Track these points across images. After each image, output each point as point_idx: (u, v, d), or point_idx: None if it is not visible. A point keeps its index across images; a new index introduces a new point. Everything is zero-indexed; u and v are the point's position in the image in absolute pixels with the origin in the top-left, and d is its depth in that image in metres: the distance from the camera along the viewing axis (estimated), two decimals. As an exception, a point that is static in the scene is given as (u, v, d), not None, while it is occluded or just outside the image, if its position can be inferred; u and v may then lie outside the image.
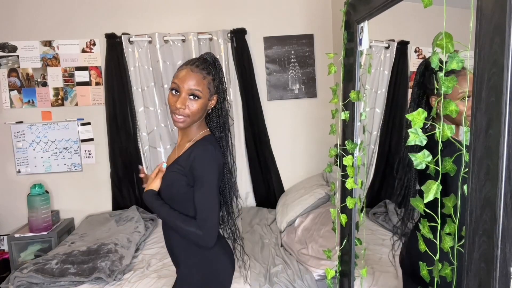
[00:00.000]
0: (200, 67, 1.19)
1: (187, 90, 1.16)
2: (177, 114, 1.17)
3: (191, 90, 1.16)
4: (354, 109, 1.19)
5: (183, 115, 1.17)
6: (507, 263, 0.52)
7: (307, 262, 2.05)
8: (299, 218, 2.55)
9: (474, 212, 0.57)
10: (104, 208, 3.14)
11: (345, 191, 1.25)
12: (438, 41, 0.65)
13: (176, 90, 1.17)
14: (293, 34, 3.20)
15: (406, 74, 2.74)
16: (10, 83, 3.01)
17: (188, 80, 1.16)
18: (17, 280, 1.94)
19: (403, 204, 1.25)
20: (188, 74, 1.17)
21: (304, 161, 3.31)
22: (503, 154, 0.51)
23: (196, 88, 1.16)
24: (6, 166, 3.05)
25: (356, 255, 1.28)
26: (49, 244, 2.76)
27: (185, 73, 1.17)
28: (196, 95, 1.16)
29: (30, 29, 2.99)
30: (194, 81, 1.16)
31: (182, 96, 1.16)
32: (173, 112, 1.17)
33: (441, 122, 0.67)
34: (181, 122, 1.18)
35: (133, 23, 3.05)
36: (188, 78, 1.16)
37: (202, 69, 1.19)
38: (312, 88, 3.27)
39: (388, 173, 2.89)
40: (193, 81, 1.16)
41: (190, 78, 1.16)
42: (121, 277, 2.03)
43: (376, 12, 1.01)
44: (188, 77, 1.16)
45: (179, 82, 1.16)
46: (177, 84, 1.16)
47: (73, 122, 3.09)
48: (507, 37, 0.50)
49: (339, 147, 1.28)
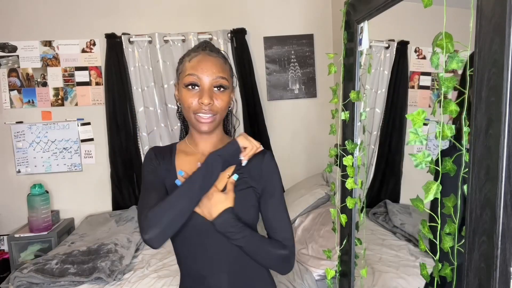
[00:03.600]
0: (215, 51, 0.95)
1: (212, 81, 0.90)
2: (204, 112, 0.90)
3: (217, 80, 0.91)
4: (354, 109, 1.19)
5: (211, 113, 0.91)
6: (507, 263, 0.52)
7: (307, 262, 2.05)
8: (299, 218, 2.55)
9: (474, 212, 0.57)
10: (104, 208, 3.14)
11: (345, 191, 1.25)
12: (438, 41, 0.65)
13: (194, 84, 0.90)
14: (293, 34, 3.20)
15: (406, 74, 2.74)
16: (10, 83, 3.01)
17: (210, 67, 0.90)
18: (17, 280, 1.94)
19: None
20: (207, 60, 0.91)
21: (304, 161, 3.31)
22: (503, 154, 0.51)
23: (222, 75, 0.91)
24: (6, 166, 3.04)
25: (356, 255, 1.28)
26: (49, 244, 2.75)
27: (204, 60, 0.91)
28: (223, 85, 0.92)
29: (30, 29, 2.99)
30: (218, 67, 0.91)
31: (206, 88, 0.90)
32: (197, 111, 0.91)
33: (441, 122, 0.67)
34: (210, 122, 0.92)
35: (133, 23, 3.05)
36: (210, 64, 0.91)
37: (218, 52, 0.95)
38: (312, 88, 3.27)
39: (388, 173, 2.89)
40: (217, 67, 0.91)
41: (212, 64, 0.91)
42: (121, 277, 2.03)
43: (376, 12, 1.01)
44: (210, 63, 0.91)
45: (200, 71, 0.90)
46: (196, 75, 0.90)
47: (73, 122, 3.09)
48: (507, 37, 0.50)
49: (339, 147, 1.28)
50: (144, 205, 0.89)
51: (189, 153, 1.00)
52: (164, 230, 0.84)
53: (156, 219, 0.84)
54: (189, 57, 0.93)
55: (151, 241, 0.84)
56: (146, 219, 0.85)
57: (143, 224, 0.85)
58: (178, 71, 0.97)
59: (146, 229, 0.84)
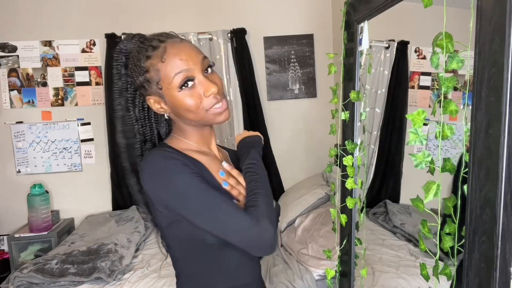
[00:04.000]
0: (172, 36, 0.83)
1: (201, 66, 0.80)
2: (217, 102, 0.80)
3: (204, 63, 0.80)
4: (354, 109, 1.19)
5: (221, 98, 0.82)
6: (507, 263, 0.52)
7: (307, 262, 2.05)
8: (299, 218, 2.55)
9: (474, 212, 0.57)
10: (104, 208, 3.14)
11: (345, 191, 1.25)
12: (438, 41, 0.65)
13: (188, 80, 0.78)
14: (293, 34, 3.20)
15: (406, 74, 2.74)
16: (10, 83, 3.01)
17: (190, 53, 0.79)
18: (17, 280, 1.94)
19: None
20: (180, 47, 0.79)
21: (304, 161, 3.31)
22: (503, 154, 0.51)
23: (204, 56, 0.81)
24: (6, 166, 3.04)
25: (356, 255, 1.28)
26: (49, 244, 2.75)
27: (177, 50, 0.78)
28: (211, 64, 0.83)
29: (30, 29, 2.99)
30: (194, 50, 0.81)
31: (202, 78, 0.79)
32: (209, 106, 0.80)
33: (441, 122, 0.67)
34: (227, 107, 0.83)
35: (133, 23, 3.05)
36: (187, 50, 0.79)
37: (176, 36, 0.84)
38: (312, 88, 3.27)
39: (388, 173, 2.89)
40: (194, 50, 0.81)
41: (189, 49, 0.80)
42: (121, 277, 2.03)
43: (376, 12, 1.01)
44: (186, 49, 0.79)
45: (185, 64, 0.77)
46: (185, 69, 0.77)
47: (73, 122, 3.09)
48: (507, 37, 0.50)
49: (339, 147, 1.28)
50: (238, 220, 0.75)
51: (201, 152, 0.88)
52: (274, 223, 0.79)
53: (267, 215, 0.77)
54: (156, 58, 0.77)
55: (274, 243, 0.78)
56: (261, 225, 0.75)
57: (262, 232, 0.75)
58: (149, 82, 0.79)
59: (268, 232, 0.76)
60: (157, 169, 0.77)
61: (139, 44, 0.80)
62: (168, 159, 0.78)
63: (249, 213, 0.76)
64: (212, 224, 0.76)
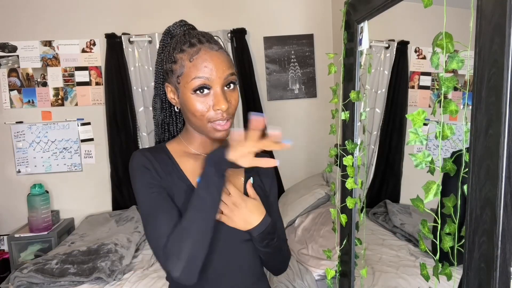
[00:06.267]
0: (214, 42, 0.81)
1: (224, 81, 0.78)
2: (221, 119, 0.78)
3: (228, 79, 0.78)
4: (354, 109, 1.19)
5: (228, 117, 0.79)
6: (507, 263, 0.52)
7: (307, 262, 2.05)
8: (299, 218, 2.55)
9: (474, 212, 0.57)
10: (104, 208, 3.14)
11: (345, 191, 1.25)
12: (438, 41, 0.65)
13: (204, 87, 0.77)
14: (293, 34, 3.20)
15: (406, 74, 2.75)
16: (10, 83, 3.01)
17: (219, 65, 0.77)
18: (17, 280, 1.94)
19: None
20: (213, 57, 0.77)
21: (304, 161, 3.31)
22: (503, 154, 0.51)
23: (232, 72, 0.79)
24: (6, 166, 3.05)
25: (356, 255, 1.27)
26: (49, 244, 2.76)
27: (209, 57, 0.77)
28: (234, 81, 0.80)
29: (30, 29, 2.99)
30: (225, 63, 0.79)
31: (220, 92, 0.77)
32: (213, 119, 0.79)
33: (441, 122, 0.67)
34: (228, 128, 0.80)
35: (133, 23, 3.05)
36: (218, 62, 0.77)
37: (217, 43, 0.81)
38: (312, 88, 3.27)
39: (388, 173, 2.90)
40: (225, 64, 0.78)
41: (219, 61, 0.78)
42: (121, 277, 2.03)
43: (376, 12, 1.01)
44: (217, 60, 0.77)
45: (208, 72, 0.76)
46: (205, 77, 0.76)
47: (73, 122, 3.09)
48: (507, 37, 0.50)
49: (339, 147, 1.28)
50: (156, 236, 0.75)
51: (192, 155, 0.87)
52: (190, 261, 0.73)
53: (178, 251, 0.73)
54: (187, 54, 0.77)
55: (183, 279, 0.73)
56: (166, 254, 0.73)
57: (166, 262, 0.73)
58: (172, 72, 0.80)
59: (172, 266, 0.72)
60: (130, 170, 0.83)
61: (182, 35, 0.82)
62: (136, 163, 0.82)
63: (169, 240, 0.74)
64: (144, 229, 0.80)
